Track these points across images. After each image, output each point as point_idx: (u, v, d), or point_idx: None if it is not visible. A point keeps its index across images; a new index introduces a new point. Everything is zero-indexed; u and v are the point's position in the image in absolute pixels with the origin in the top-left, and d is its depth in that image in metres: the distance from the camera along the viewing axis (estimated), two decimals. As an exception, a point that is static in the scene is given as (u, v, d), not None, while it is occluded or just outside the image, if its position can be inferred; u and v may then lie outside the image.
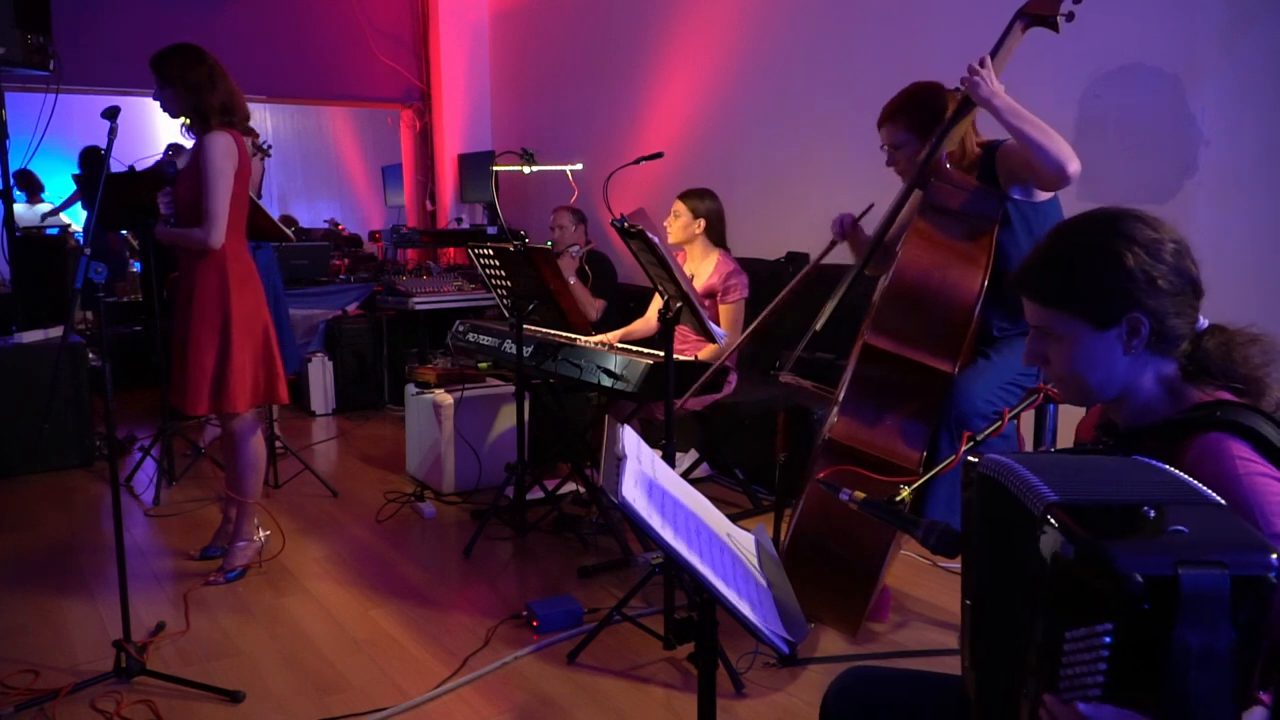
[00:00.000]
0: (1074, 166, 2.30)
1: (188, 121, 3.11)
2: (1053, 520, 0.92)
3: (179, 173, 3.15)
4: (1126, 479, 1.03)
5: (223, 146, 3.04)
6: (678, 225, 3.68)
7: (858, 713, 1.43)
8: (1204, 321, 1.30)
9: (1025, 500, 0.99)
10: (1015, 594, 1.04)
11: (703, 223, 3.67)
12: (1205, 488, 0.99)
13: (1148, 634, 0.84)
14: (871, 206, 2.69)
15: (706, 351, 3.53)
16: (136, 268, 7.73)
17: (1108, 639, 0.86)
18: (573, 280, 4.42)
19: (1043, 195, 2.51)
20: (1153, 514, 0.91)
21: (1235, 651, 0.85)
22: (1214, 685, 0.85)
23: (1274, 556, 0.86)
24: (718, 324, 3.20)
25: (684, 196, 3.70)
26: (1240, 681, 0.86)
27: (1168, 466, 1.06)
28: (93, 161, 7.12)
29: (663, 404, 2.80)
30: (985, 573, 1.14)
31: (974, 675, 1.15)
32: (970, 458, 1.17)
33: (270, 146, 4.45)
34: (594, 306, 4.52)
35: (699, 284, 3.61)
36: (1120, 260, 1.23)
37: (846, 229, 2.81)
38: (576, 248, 4.63)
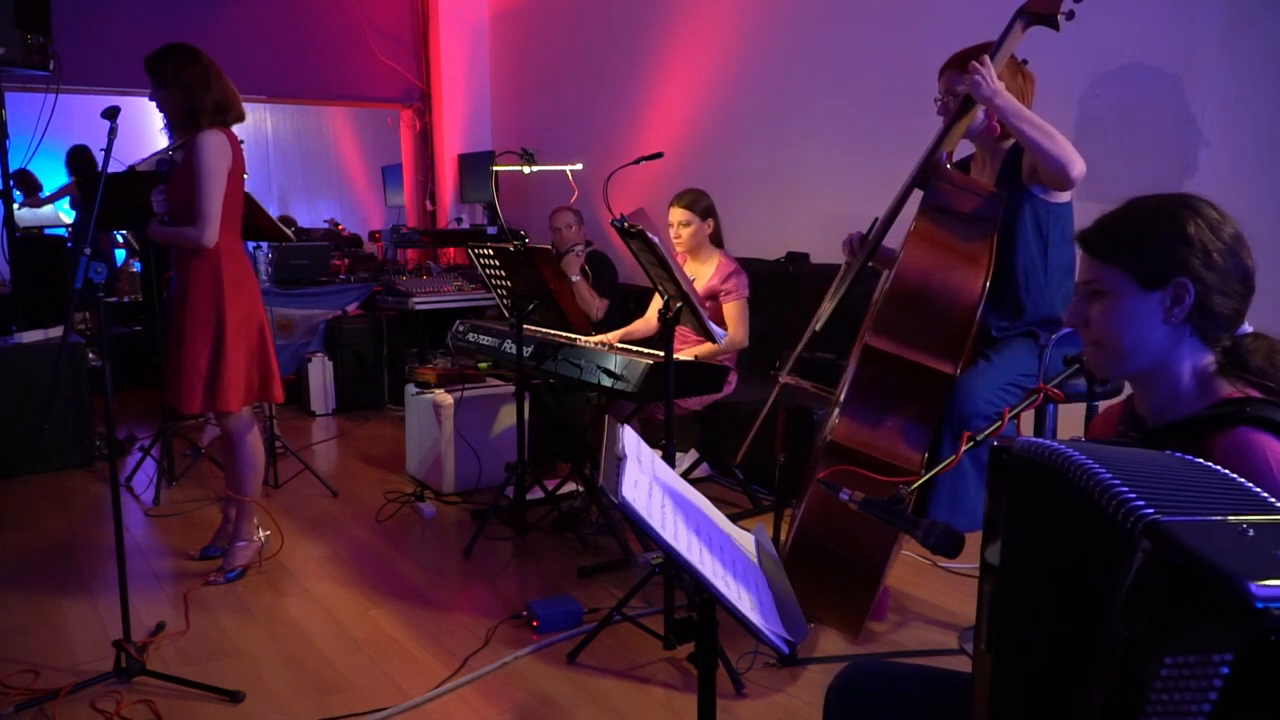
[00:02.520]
0: (1077, 169, 2.30)
1: (165, 125, 3.14)
2: (1157, 540, 0.87)
3: (172, 171, 3.15)
4: (1196, 484, 1.00)
5: (215, 145, 3.04)
6: (688, 233, 3.62)
7: (861, 707, 1.42)
8: (1248, 326, 1.30)
9: (1106, 505, 0.94)
10: (1066, 592, 1.01)
11: (711, 222, 3.66)
12: (1271, 496, 0.97)
13: (1268, 666, 0.82)
14: (877, 221, 2.67)
15: (705, 349, 3.52)
16: (137, 268, 7.73)
17: (1225, 669, 0.83)
18: (576, 279, 4.42)
19: (1061, 196, 2.50)
20: (1252, 533, 0.88)
21: None
22: None
23: None
24: (718, 324, 3.19)
25: (682, 204, 3.64)
26: None
27: (1225, 470, 1.03)
28: (80, 161, 7.10)
29: (663, 404, 2.80)
30: (1019, 562, 1.10)
31: (991, 658, 1.13)
32: (994, 442, 1.15)
33: (241, 141, 4.39)
34: (598, 305, 4.52)
35: (701, 285, 3.61)
36: (1181, 225, 1.26)
37: (856, 249, 2.76)
38: (580, 246, 4.63)
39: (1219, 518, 0.91)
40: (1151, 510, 0.90)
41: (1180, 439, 1.20)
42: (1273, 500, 0.97)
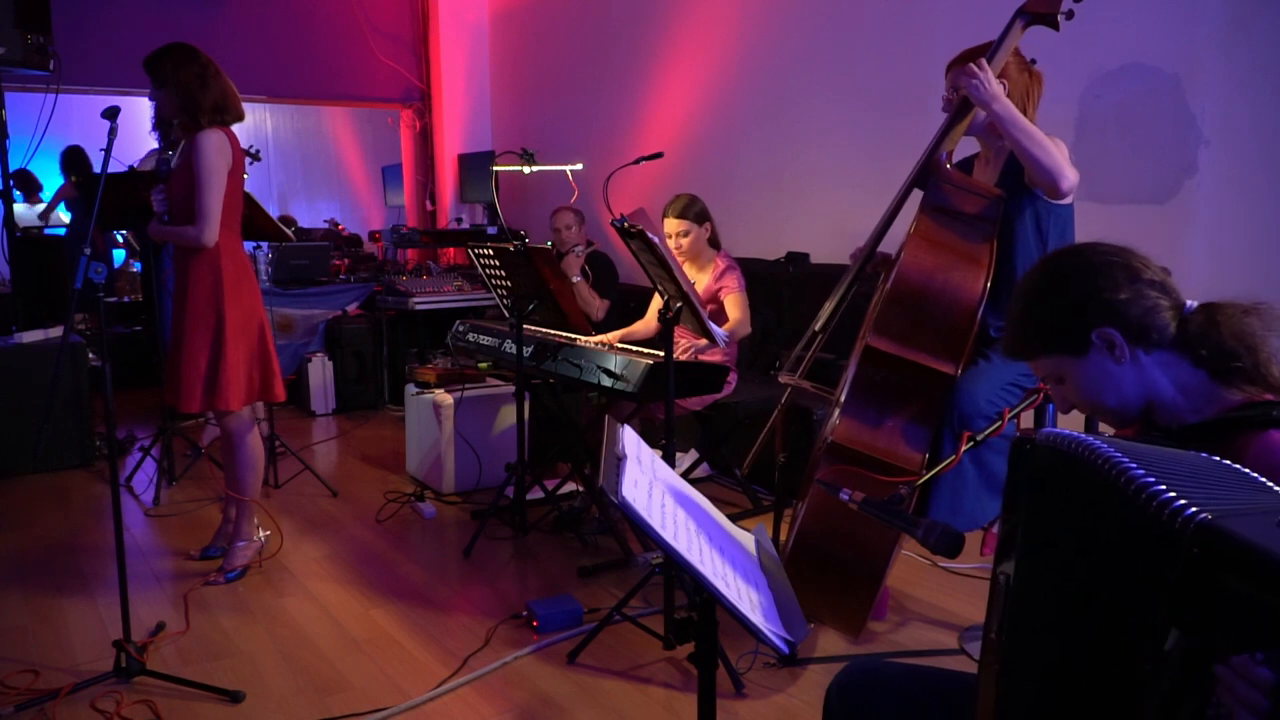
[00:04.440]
0: (1067, 182, 2.30)
1: (154, 126, 3.15)
2: (1213, 540, 0.87)
3: (172, 170, 3.15)
4: (1227, 481, 1.00)
5: (215, 144, 3.04)
6: (688, 241, 3.59)
7: (861, 707, 1.42)
8: (1191, 303, 1.32)
9: (1147, 505, 0.93)
10: (1087, 586, 1.01)
11: (708, 226, 3.66)
12: None
13: None
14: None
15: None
16: (137, 268, 7.74)
17: None
18: (577, 279, 4.42)
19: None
20: None
21: None
22: None
23: None
24: (719, 325, 3.19)
25: (676, 213, 3.60)
26: None
27: (1248, 470, 1.03)
28: (75, 162, 7.09)
29: (663, 404, 2.79)
30: (1042, 556, 1.09)
31: (999, 644, 1.12)
32: (1016, 434, 1.14)
33: (258, 150, 4.39)
34: (598, 306, 4.51)
35: (701, 288, 3.60)
36: (1060, 294, 1.33)
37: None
38: (580, 247, 4.63)
39: (1265, 516, 0.89)
40: (1198, 510, 0.89)
41: (1206, 440, 1.20)
42: None
